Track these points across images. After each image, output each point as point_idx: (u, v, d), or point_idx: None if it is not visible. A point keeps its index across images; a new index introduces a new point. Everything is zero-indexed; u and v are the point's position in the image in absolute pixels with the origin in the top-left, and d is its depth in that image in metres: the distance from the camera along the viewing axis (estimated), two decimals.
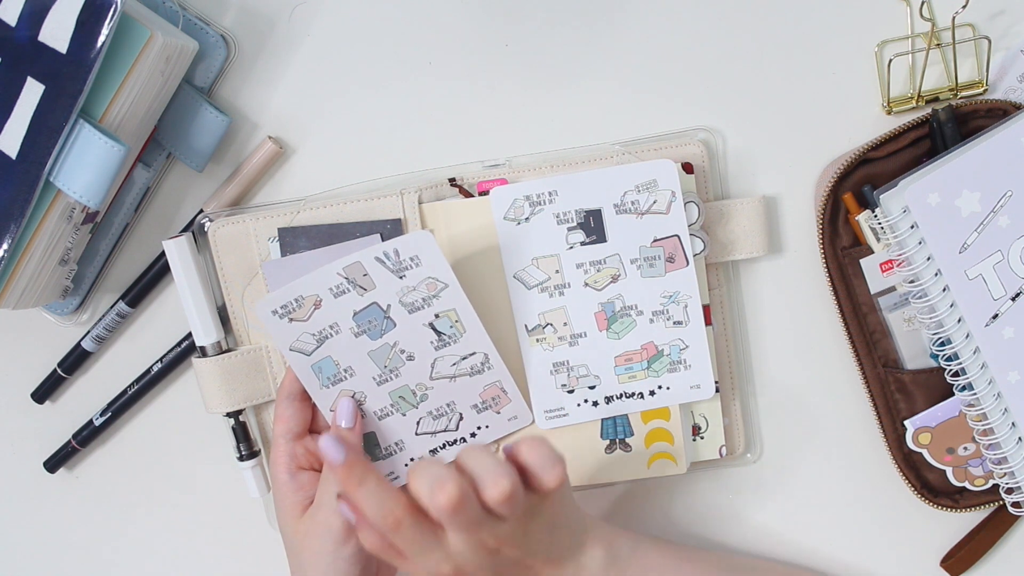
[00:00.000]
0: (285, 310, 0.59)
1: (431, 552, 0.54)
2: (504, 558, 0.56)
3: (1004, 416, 0.64)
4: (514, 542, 0.55)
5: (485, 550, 0.55)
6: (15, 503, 0.71)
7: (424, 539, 0.54)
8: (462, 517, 0.53)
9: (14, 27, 0.57)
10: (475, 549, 0.54)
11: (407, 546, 0.54)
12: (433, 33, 0.65)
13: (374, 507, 0.53)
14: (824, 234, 0.65)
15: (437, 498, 0.52)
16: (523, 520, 0.55)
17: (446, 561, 0.55)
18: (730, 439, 0.67)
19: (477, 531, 0.54)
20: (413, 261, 0.58)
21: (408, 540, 0.54)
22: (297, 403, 0.62)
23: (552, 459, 0.54)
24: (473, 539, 0.54)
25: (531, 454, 0.54)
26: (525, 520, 0.55)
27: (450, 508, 0.52)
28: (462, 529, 0.54)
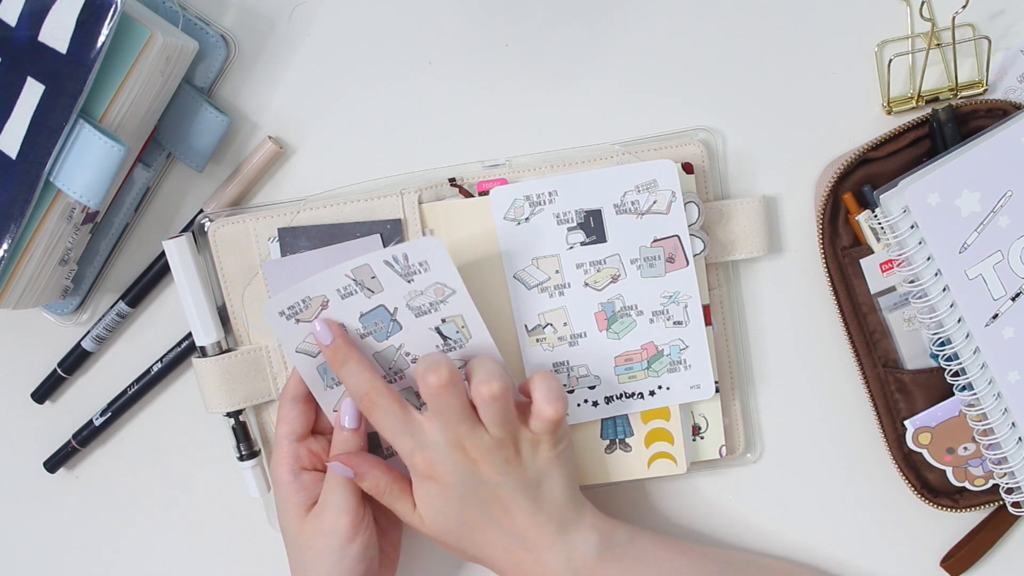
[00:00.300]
0: (292, 311, 0.59)
1: (405, 437, 0.58)
2: (482, 475, 0.57)
3: (1004, 416, 0.64)
4: (493, 462, 0.57)
5: (462, 454, 0.57)
6: (15, 503, 0.71)
7: (396, 423, 0.58)
8: (444, 401, 0.56)
9: (14, 27, 0.57)
10: (451, 446, 0.57)
11: (383, 427, 0.58)
12: (433, 33, 0.65)
13: (353, 384, 0.59)
14: (824, 234, 0.65)
15: (428, 377, 0.56)
16: (508, 447, 0.57)
17: (420, 451, 0.57)
18: (730, 439, 0.67)
19: (457, 424, 0.57)
20: (422, 266, 0.58)
21: (382, 421, 0.58)
22: (301, 405, 0.62)
23: (556, 394, 0.57)
24: (451, 433, 0.57)
25: (538, 384, 0.57)
26: (511, 449, 0.57)
27: (438, 387, 0.56)
28: (442, 417, 0.57)
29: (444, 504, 0.58)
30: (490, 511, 0.58)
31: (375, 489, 0.60)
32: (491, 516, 0.59)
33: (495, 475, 0.57)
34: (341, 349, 0.59)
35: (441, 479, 0.58)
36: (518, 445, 0.58)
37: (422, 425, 0.58)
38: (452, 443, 0.57)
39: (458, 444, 0.57)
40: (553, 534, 0.59)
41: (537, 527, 0.58)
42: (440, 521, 0.59)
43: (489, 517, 0.59)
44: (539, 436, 0.58)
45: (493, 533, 0.59)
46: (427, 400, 0.57)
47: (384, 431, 0.58)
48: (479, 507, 0.58)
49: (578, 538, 0.59)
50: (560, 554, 0.59)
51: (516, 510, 0.58)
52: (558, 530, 0.59)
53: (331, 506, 0.60)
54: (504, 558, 0.60)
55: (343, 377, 0.59)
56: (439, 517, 0.59)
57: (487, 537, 0.59)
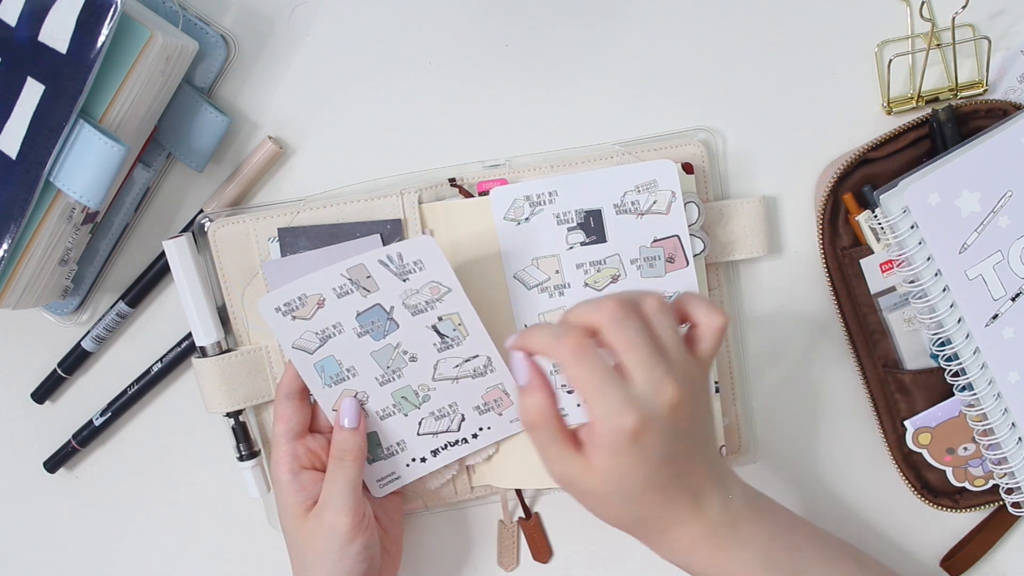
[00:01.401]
0: (288, 308, 0.59)
1: (616, 389, 0.51)
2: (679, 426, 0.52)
3: (1004, 416, 0.64)
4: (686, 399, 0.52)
5: (665, 399, 0.51)
6: (15, 503, 0.71)
7: (606, 372, 0.52)
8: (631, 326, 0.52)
9: (14, 27, 0.57)
10: (658, 394, 0.51)
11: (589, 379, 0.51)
12: (433, 33, 0.65)
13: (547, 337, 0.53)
14: (824, 234, 0.65)
15: (604, 304, 0.52)
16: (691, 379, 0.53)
17: (628, 406, 0.51)
18: (730, 439, 0.67)
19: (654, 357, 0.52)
20: (416, 265, 0.58)
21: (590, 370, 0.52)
22: (296, 402, 0.62)
23: (711, 304, 0.56)
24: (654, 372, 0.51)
25: (693, 304, 0.55)
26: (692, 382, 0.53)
27: (618, 310, 0.52)
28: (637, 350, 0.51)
29: (640, 468, 0.52)
30: (678, 467, 0.53)
31: (535, 415, 0.54)
32: (678, 472, 0.53)
33: (688, 421, 0.52)
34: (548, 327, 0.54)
35: (645, 440, 0.51)
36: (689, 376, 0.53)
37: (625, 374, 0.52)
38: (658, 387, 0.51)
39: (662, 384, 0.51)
40: (716, 480, 0.55)
41: (704, 476, 0.54)
42: (623, 485, 0.53)
43: (676, 475, 0.53)
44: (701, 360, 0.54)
45: (673, 490, 0.54)
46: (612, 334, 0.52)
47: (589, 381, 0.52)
48: (671, 464, 0.53)
49: (732, 483, 0.56)
50: (719, 503, 0.55)
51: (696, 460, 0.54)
52: (719, 476, 0.55)
53: (331, 506, 0.60)
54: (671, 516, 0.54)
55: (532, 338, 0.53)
56: (624, 481, 0.53)
57: (666, 496, 0.54)
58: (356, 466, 0.61)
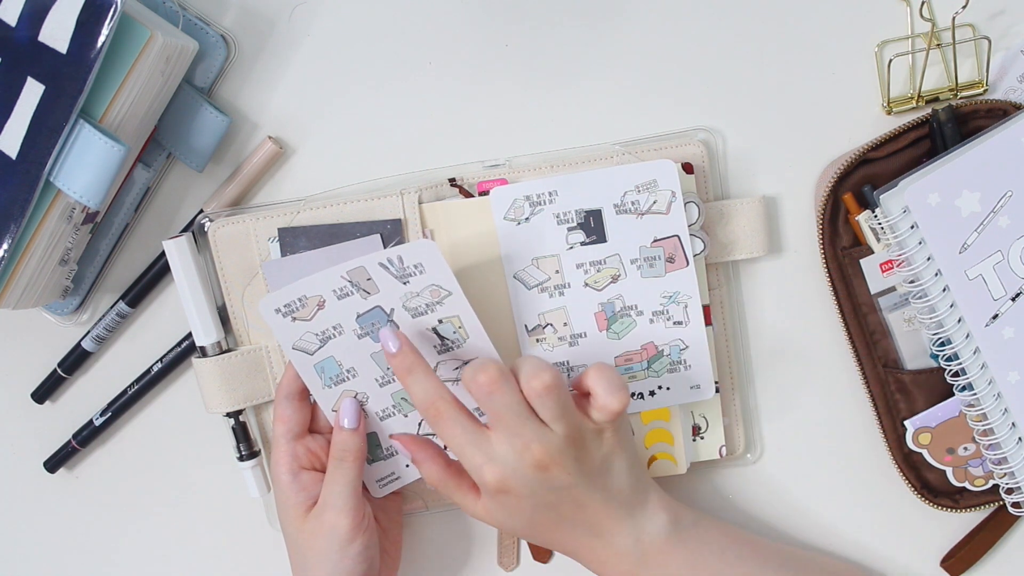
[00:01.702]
0: (288, 309, 0.59)
1: (473, 449, 0.57)
2: (554, 481, 0.56)
3: (1004, 416, 0.64)
4: (564, 463, 0.56)
5: (532, 462, 0.56)
6: (15, 503, 0.71)
7: (464, 433, 0.57)
8: (500, 400, 0.55)
9: (14, 27, 0.57)
10: (520, 455, 0.56)
11: (449, 439, 0.57)
12: (433, 33, 0.65)
13: (420, 394, 0.58)
14: (824, 234, 0.65)
15: (478, 377, 0.56)
16: (576, 442, 0.56)
17: (490, 465, 0.56)
18: (730, 439, 0.67)
19: (520, 426, 0.55)
20: (417, 268, 0.58)
21: (449, 433, 0.57)
22: (296, 402, 0.62)
23: (618, 384, 0.57)
24: (517, 441, 0.56)
25: (596, 377, 0.57)
26: (578, 444, 0.56)
27: (489, 384, 0.55)
28: (504, 422, 0.55)
29: (516, 512, 0.58)
30: (561, 511, 0.58)
31: (433, 479, 0.59)
32: (562, 514, 0.58)
33: (566, 476, 0.56)
34: (408, 356, 0.58)
35: (513, 492, 0.57)
36: (583, 438, 0.57)
37: (489, 437, 0.56)
38: (521, 451, 0.56)
39: (526, 449, 0.56)
40: (624, 518, 0.59)
41: (607, 514, 0.58)
42: (510, 523, 0.59)
43: (560, 516, 0.58)
44: (602, 425, 0.57)
45: (565, 527, 0.59)
46: (481, 403, 0.56)
47: (451, 443, 0.57)
48: (551, 510, 0.58)
49: (646, 519, 0.59)
50: (630, 536, 0.59)
51: (588, 504, 0.58)
52: (627, 513, 0.59)
53: (331, 506, 0.60)
54: (576, 545, 0.59)
55: (408, 385, 0.58)
56: (508, 521, 0.59)
57: (559, 530, 0.59)
58: (356, 467, 0.61)
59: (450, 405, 0.57)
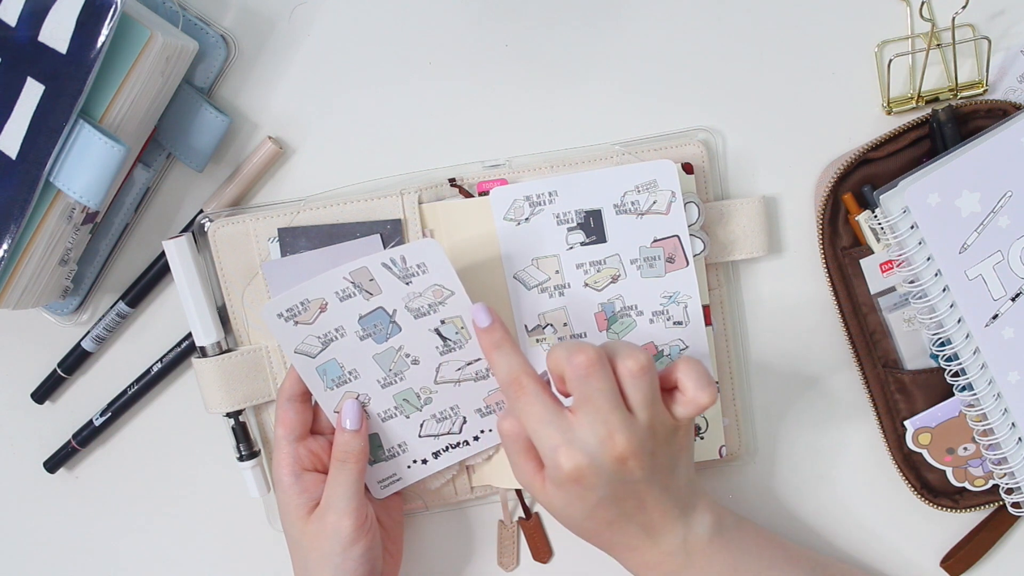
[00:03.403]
0: (291, 313, 0.59)
1: (550, 429, 0.55)
2: (627, 475, 0.55)
3: (1004, 416, 0.64)
4: (641, 457, 0.55)
5: (613, 453, 0.54)
6: (15, 503, 0.71)
7: (544, 412, 0.55)
8: (594, 384, 0.54)
9: (14, 27, 0.57)
10: (603, 443, 0.54)
11: (527, 416, 0.56)
12: (433, 33, 0.65)
13: (503, 367, 0.57)
14: (824, 234, 0.65)
15: (575, 357, 0.54)
16: (654, 436, 0.56)
17: (567, 448, 0.55)
18: (730, 439, 0.67)
19: (609, 412, 0.54)
20: (420, 268, 0.58)
21: (528, 408, 0.56)
22: (298, 404, 0.62)
23: (708, 379, 0.56)
24: (603, 429, 0.54)
25: (687, 370, 0.56)
26: (656, 438, 0.56)
27: (586, 367, 0.54)
28: (593, 406, 0.54)
29: (580, 503, 0.56)
30: (624, 507, 0.57)
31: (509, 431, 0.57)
32: (623, 510, 0.57)
33: (641, 472, 0.55)
34: (497, 332, 0.58)
35: (586, 482, 0.55)
36: (661, 432, 0.56)
37: (571, 420, 0.55)
38: (604, 438, 0.54)
39: (610, 437, 0.54)
40: (676, 517, 0.58)
41: (663, 513, 0.58)
42: (567, 512, 0.57)
43: (621, 511, 0.57)
44: (680, 422, 0.57)
45: (619, 524, 0.57)
46: (574, 385, 0.55)
47: (529, 420, 0.56)
48: (614, 503, 0.56)
49: (696, 519, 0.59)
50: (679, 536, 0.58)
51: (650, 502, 0.57)
52: (681, 513, 0.58)
53: (334, 508, 0.60)
54: (625, 543, 0.59)
55: (494, 360, 0.57)
56: (567, 509, 0.57)
57: (613, 527, 0.58)
58: (358, 468, 0.61)
59: (534, 381, 0.56)
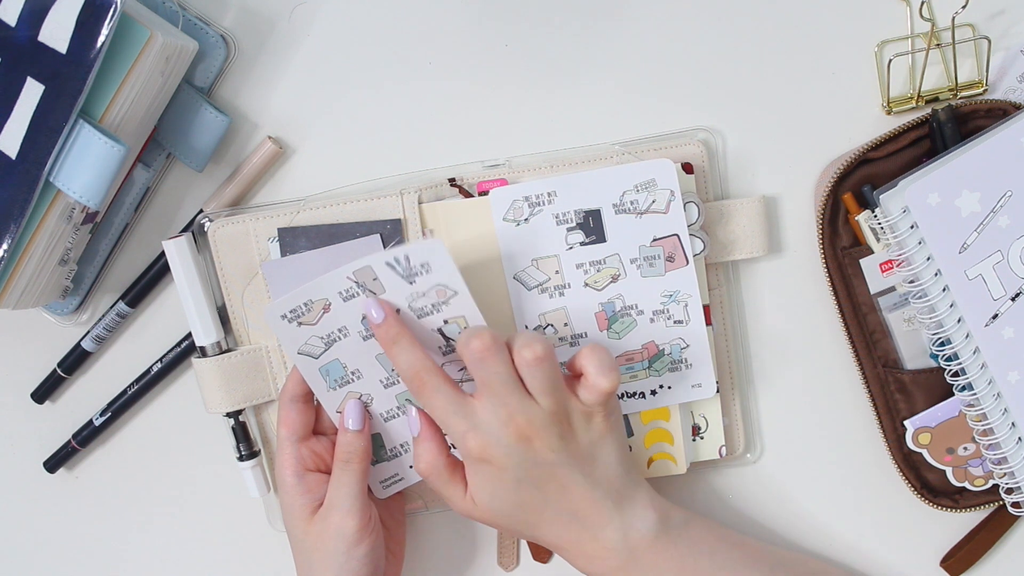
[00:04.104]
0: (294, 314, 0.59)
1: (457, 418, 0.57)
2: (537, 456, 0.56)
3: (1004, 416, 0.64)
4: (547, 439, 0.56)
5: (515, 432, 0.56)
6: (15, 503, 0.71)
7: (448, 403, 0.57)
8: (490, 368, 0.55)
9: (14, 27, 0.57)
10: (504, 424, 0.56)
11: (434, 408, 0.57)
12: (433, 33, 0.65)
13: (404, 363, 0.58)
14: (824, 234, 0.65)
15: (472, 342, 0.56)
16: (561, 420, 0.56)
17: (473, 432, 0.56)
18: (730, 439, 0.67)
19: (507, 395, 0.56)
20: (424, 268, 0.58)
21: (433, 401, 0.57)
22: (300, 405, 0.62)
23: (609, 364, 0.57)
24: (502, 411, 0.56)
25: (589, 356, 0.57)
26: (564, 422, 0.57)
27: (482, 351, 0.55)
28: (491, 390, 0.56)
29: (499, 487, 0.57)
30: (546, 491, 0.57)
31: (428, 463, 0.59)
32: (547, 496, 0.58)
33: (550, 453, 0.56)
34: (393, 327, 0.58)
35: (496, 461, 0.56)
36: (570, 418, 0.57)
37: (473, 405, 0.57)
38: (504, 420, 0.56)
39: (510, 419, 0.56)
40: (610, 510, 0.58)
41: (594, 503, 0.58)
42: (495, 505, 0.58)
43: (545, 497, 0.58)
44: (591, 408, 0.57)
45: (550, 512, 0.58)
46: (472, 369, 0.56)
47: (435, 412, 0.57)
48: (535, 488, 0.57)
49: (635, 515, 0.59)
50: (617, 531, 0.58)
51: (572, 487, 0.57)
52: (615, 506, 0.58)
53: (337, 508, 0.60)
54: (562, 535, 0.59)
55: (393, 356, 0.58)
56: (494, 501, 0.58)
57: (544, 517, 0.58)
58: (361, 468, 0.61)
59: (433, 375, 0.57)
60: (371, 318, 0.58)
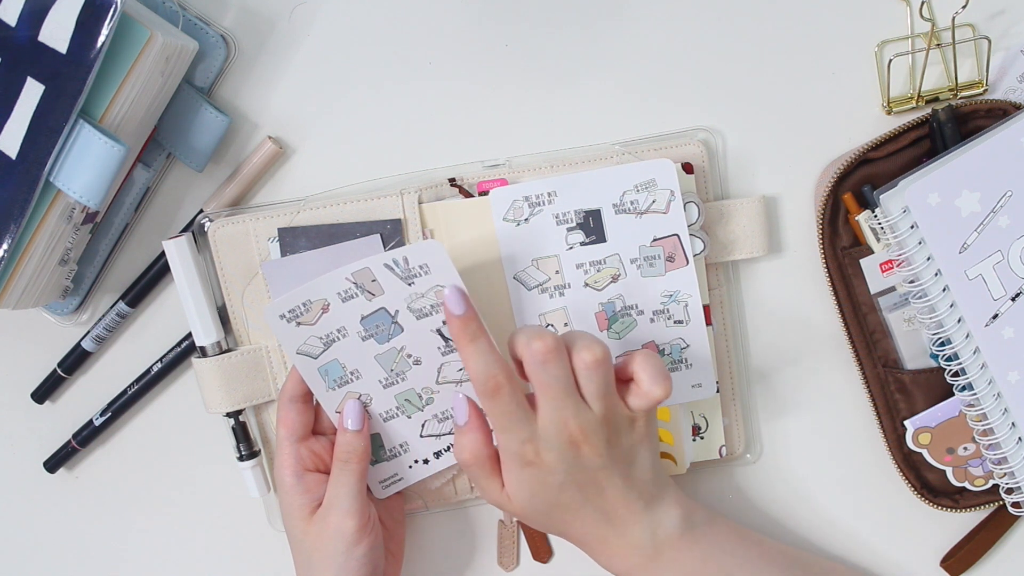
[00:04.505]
0: (293, 314, 0.59)
1: (521, 426, 0.56)
2: (583, 460, 0.57)
3: (1004, 416, 0.64)
4: (596, 444, 0.56)
5: (568, 437, 0.56)
6: (15, 503, 0.71)
7: (517, 411, 0.56)
8: (551, 371, 0.55)
9: (14, 27, 0.57)
10: (559, 429, 0.56)
11: (500, 415, 0.57)
12: (433, 33, 0.65)
13: (480, 366, 0.56)
14: (824, 234, 0.65)
15: (534, 344, 0.55)
16: (609, 425, 0.57)
17: (531, 441, 0.57)
18: (730, 439, 0.67)
19: (563, 399, 0.56)
20: (422, 269, 0.58)
21: (502, 409, 0.56)
22: (299, 405, 0.62)
23: (664, 373, 0.57)
24: (558, 416, 0.56)
25: (643, 363, 0.57)
26: (611, 427, 0.57)
27: (544, 353, 0.55)
28: (549, 393, 0.56)
29: (541, 489, 0.58)
30: (585, 492, 0.58)
31: (472, 452, 0.58)
32: (586, 497, 0.58)
33: (596, 457, 0.57)
34: (473, 322, 0.57)
35: (544, 465, 0.57)
36: (616, 422, 0.57)
37: (532, 414, 0.57)
38: (560, 425, 0.56)
39: (565, 425, 0.56)
40: (641, 510, 0.59)
41: (627, 504, 0.58)
42: (534, 503, 0.58)
43: (584, 498, 0.58)
44: (636, 414, 0.58)
45: (584, 512, 0.58)
46: (531, 370, 0.56)
47: (499, 417, 0.57)
48: (576, 489, 0.58)
49: (663, 513, 0.59)
50: (646, 529, 0.59)
51: (609, 489, 0.58)
52: (645, 506, 0.59)
53: (336, 508, 0.60)
54: (591, 532, 0.59)
55: (468, 355, 0.56)
56: (534, 500, 0.58)
57: (578, 516, 0.59)
58: (360, 468, 0.61)
59: (511, 379, 0.56)
60: (451, 310, 0.57)
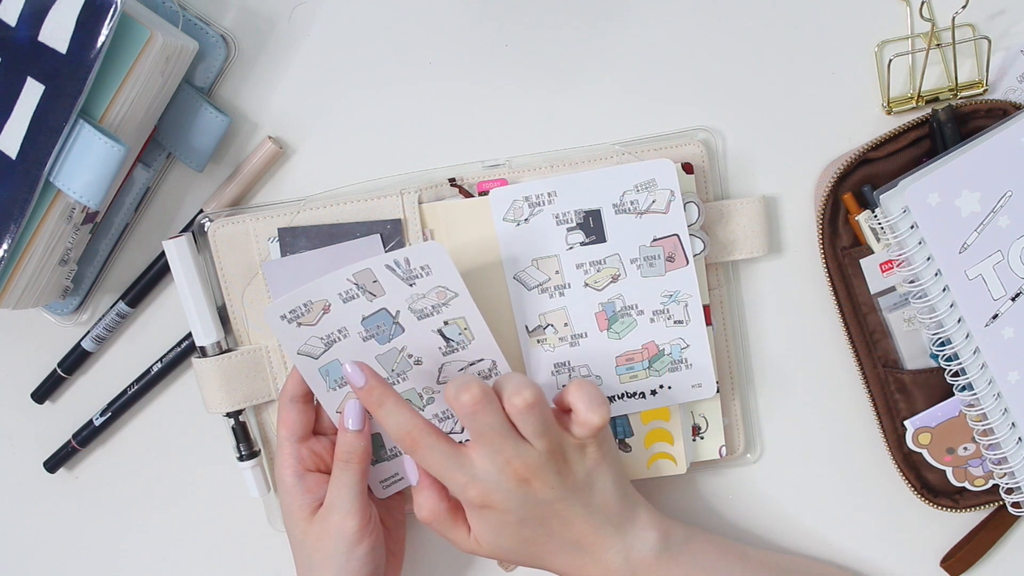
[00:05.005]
0: (294, 315, 0.59)
1: (454, 472, 0.57)
2: (537, 496, 0.57)
3: (1004, 416, 0.64)
4: (545, 478, 0.57)
5: (514, 477, 0.56)
6: (15, 503, 0.71)
7: (444, 459, 0.57)
8: (482, 420, 0.56)
9: (14, 27, 0.57)
10: (501, 471, 0.56)
11: (430, 466, 0.58)
12: (433, 33, 0.65)
13: (393, 426, 0.57)
14: (824, 234, 0.65)
15: (461, 396, 0.56)
16: (557, 457, 0.57)
17: (472, 484, 0.57)
18: (730, 439, 0.67)
19: (501, 443, 0.56)
20: (424, 270, 0.58)
21: (429, 460, 0.57)
22: (300, 405, 0.62)
23: (598, 399, 0.57)
24: (499, 458, 0.56)
25: (577, 393, 0.57)
26: (560, 459, 0.57)
27: (472, 404, 0.55)
28: (485, 439, 0.56)
29: (502, 528, 0.58)
30: (548, 526, 0.58)
31: (430, 509, 0.60)
32: (550, 530, 0.58)
33: (549, 491, 0.57)
34: (376, 390, 0.58)
35: (497, 506, 0.57)
36: (565, 453, 0.58)
37: (469, 456, 0.57)
38: (502, 467, 0.56)
39: (507, 465, 0.56)
40: (611, 534, 0.59)
41: (595, 530, 0.58)
42: (500, 544, 0.59)
43: (548, 531, 0.58)
44: (584, 441, 0.58)
45: (553, 544, 0.59)
46: (465, 422, 0.57)
47: (432, 468, 0.58)
48: (538, 524, 0.58)
49: (635, 536, 0.59)
50: (619, 553, 0.59)
51: (573, 518, 0.58)
52: (615, 530, 0.59)
53: (337, 508, 0.60)
54: (567, 563, 0.60)
55: (381, 418, 0.58)
56: (499, 540, 0.59)
57: (548, 549, 0.59)
58: (361, 468, 0.61)
59: (426, 433, 0.57)
60: (352, 382, 0.58)
